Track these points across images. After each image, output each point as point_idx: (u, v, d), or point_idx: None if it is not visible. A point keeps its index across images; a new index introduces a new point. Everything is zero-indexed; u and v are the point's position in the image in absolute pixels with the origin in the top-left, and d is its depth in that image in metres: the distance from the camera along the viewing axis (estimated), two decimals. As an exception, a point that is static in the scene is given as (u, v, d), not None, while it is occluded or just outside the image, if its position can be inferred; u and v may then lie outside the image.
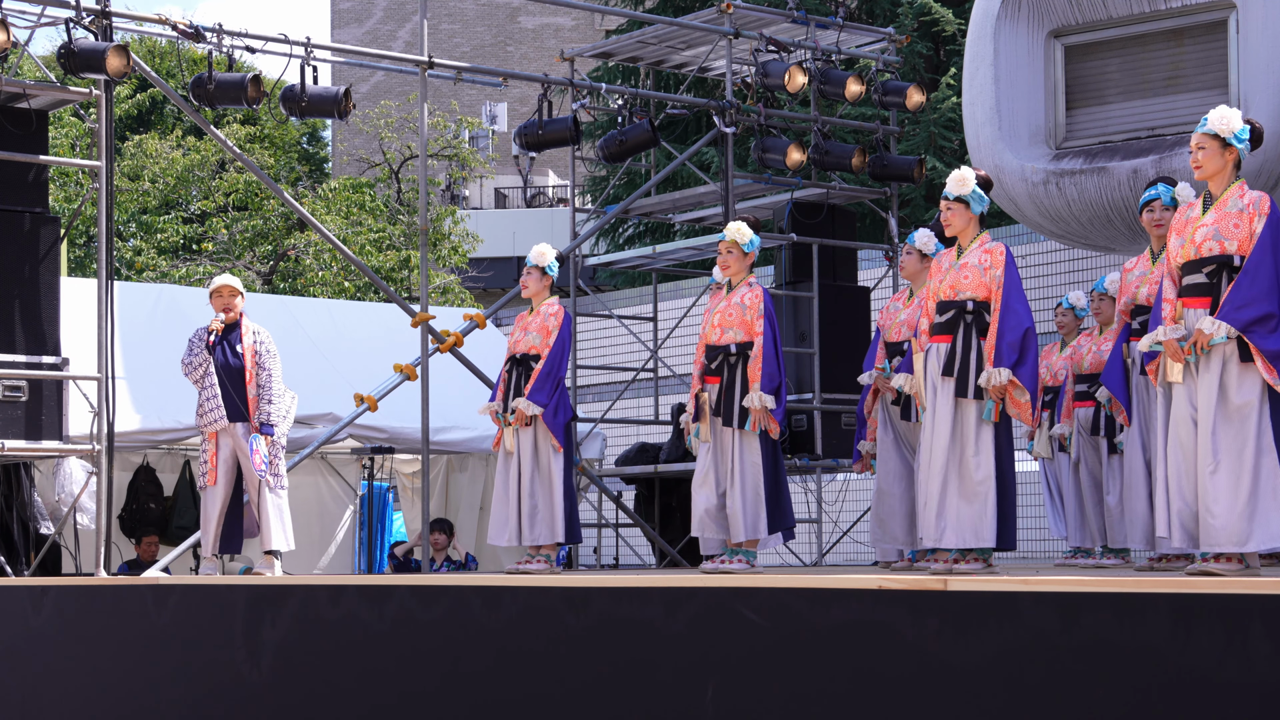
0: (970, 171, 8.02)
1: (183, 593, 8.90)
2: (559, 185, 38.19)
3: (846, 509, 15.27)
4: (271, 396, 10.11)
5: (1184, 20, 11.62)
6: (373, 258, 23.89)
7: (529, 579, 7.71)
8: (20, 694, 9.67)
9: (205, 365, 10.01)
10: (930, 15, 20.65)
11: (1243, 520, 6.48)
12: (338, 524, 15.07)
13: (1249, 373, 6.56)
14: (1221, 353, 6.61)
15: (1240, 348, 6.57)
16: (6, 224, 10.61)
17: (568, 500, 9.45)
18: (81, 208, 13.51)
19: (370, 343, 14.12)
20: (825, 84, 13.54)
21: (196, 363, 10.03)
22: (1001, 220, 16.24)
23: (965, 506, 7.80)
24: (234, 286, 10.20)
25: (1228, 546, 6.50)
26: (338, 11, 41.77)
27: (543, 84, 13.01)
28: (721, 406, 8.82)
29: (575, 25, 39.45)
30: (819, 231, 14.03)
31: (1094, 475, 9.91)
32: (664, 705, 6.47)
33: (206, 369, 10.02)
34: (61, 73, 11.00)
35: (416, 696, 7.51)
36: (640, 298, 19.19)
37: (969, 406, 7.85)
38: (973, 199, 7.98)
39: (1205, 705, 4.97)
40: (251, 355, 10.10)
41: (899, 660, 5.73)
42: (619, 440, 17.34)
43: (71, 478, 11.42)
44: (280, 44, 11.76)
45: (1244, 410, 6.54)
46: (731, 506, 8.75)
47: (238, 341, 10.08)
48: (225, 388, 9.99)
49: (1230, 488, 6.50)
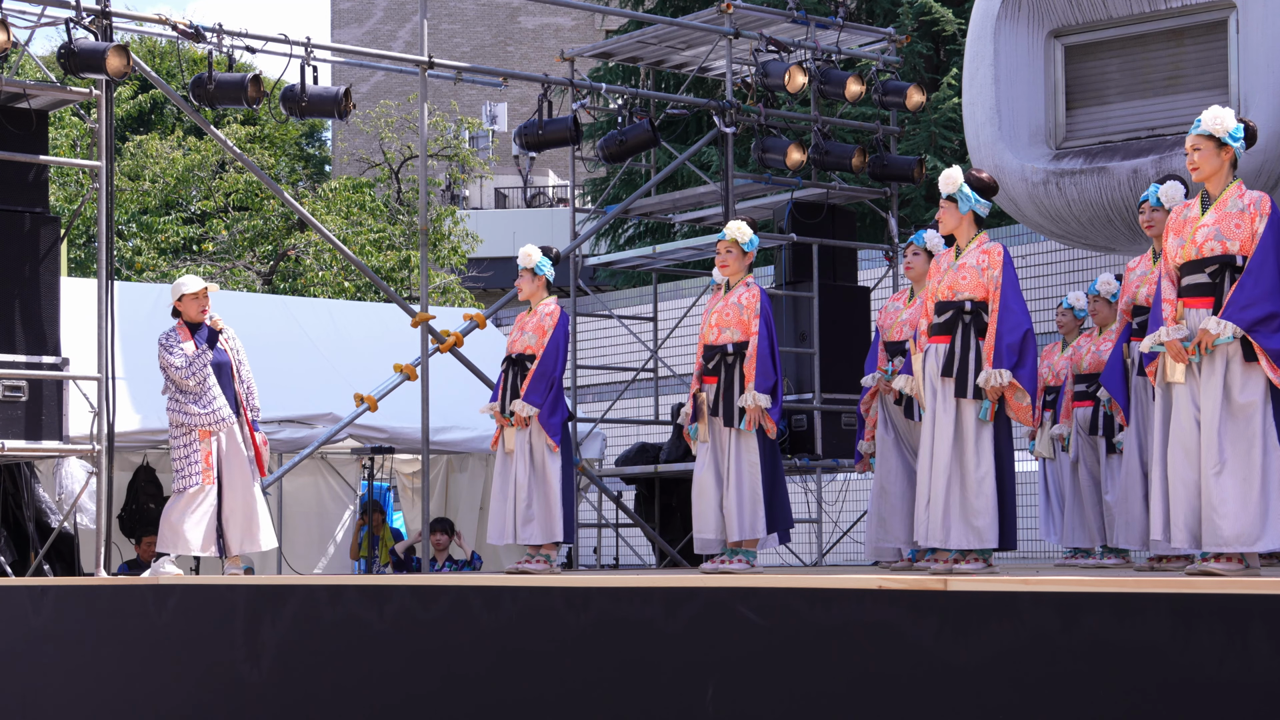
0: (958, 170, 8.01)
1: (183, 593, 8.90)
2: (559, 185, 38.19)
3: (846, 509, 15.28)
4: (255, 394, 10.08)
5: (1184, 20, 11.63)
6: (373, 258, 23.89)
7: (529, 579, 7.71)
8: (20, 694, 9.67)
9: (207, 364, 9.90)
10: (930, 15, 20.66)
11: (1254, 520, 6.48)
12: (338, 524, 15.08)
13: (1253, 372, 6.57)
14: (1225, 353, 6.61)
15: (1244, 347, 6.58)
16: (6, 224, 10.61)
17: (565, 500, 9.44)
18: (81, 208, 13.51)
19: (370, 343, 14.13)
20: (825, 84, 13.54)
21: (201, 363, 9.82)
22: (1001, 220, 16.24)
23: (967, 507, 7.80)
24: (210, 287, 10.10)
25: (1238, 546, 6.50)
26: (338, 11, 41.78)
27: (543, 84, 13.02)
28: (720, 406, 8.83)
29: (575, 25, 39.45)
30: (819, 231, 14.03)
31: (1093, 475, 9.92)
32: (664, 705, 6.47)
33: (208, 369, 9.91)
34: (61, 73, 11.00)
35: (417, 696, 7.51)
36: (640, 298, 19.19)
37: (968, 407, 7.85)
38: (961, 197, 7.97)
39: (1205, 705, 4.97)
40: (233, 353, 10.03)
41: (899, 660, 5.73)
42: (619, 440, 17.34)
43: (72, 477, 11.42)
44: (280, 44, 11.76)
45: (1248, 410, 6.55)
46: (728, 506, 8.75)
47: (217, 337, 9.99)
48: (223, 385, 9.92)
49: (1238, 488, 6.50)
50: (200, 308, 9.96)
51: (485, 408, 9.80)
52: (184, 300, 9.97)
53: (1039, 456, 10.31)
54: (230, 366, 9.96)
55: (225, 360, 9.94)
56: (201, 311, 9.96)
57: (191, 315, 9.97)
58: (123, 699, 9.09)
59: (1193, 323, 6.74)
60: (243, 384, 10.01)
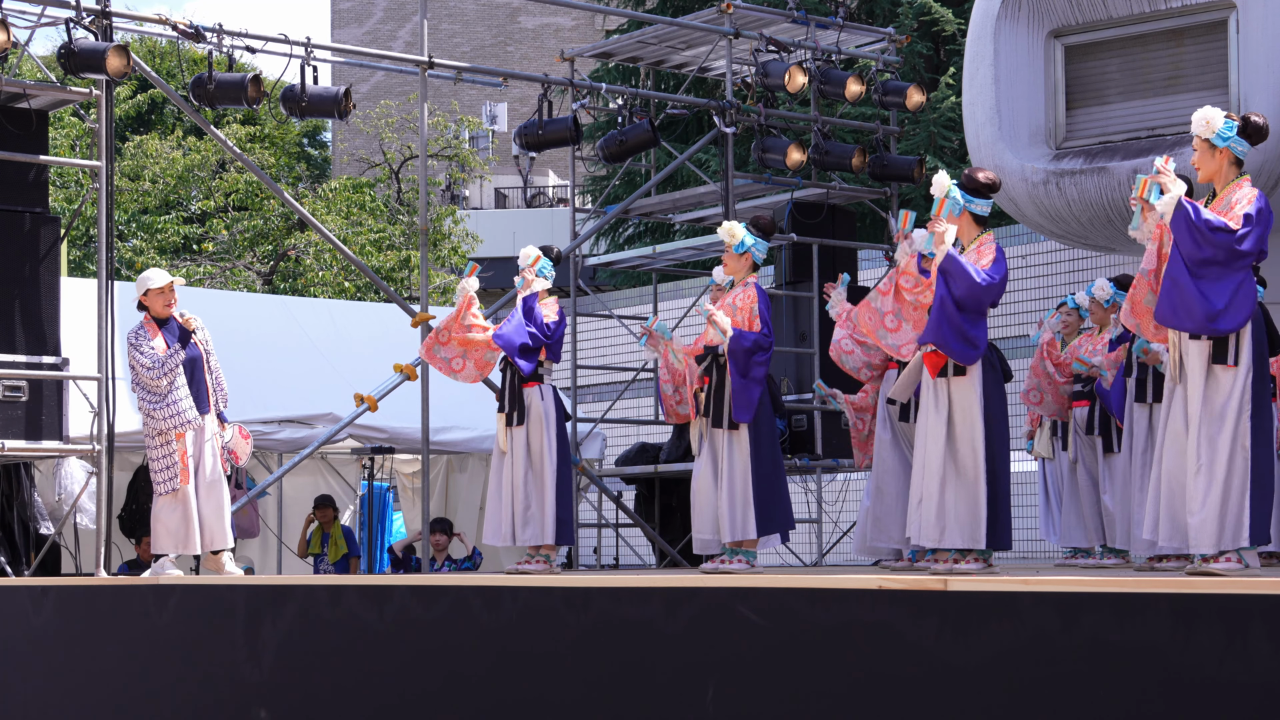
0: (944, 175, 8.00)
1: (183, 593, 8.89)
2: (559, 185, 38.18)
3: (846, 509, 15.27)
4: (223, 381, 9.99)
5: (1184, 20, 11.63)
6: (373, 258, 23.90)
7: (529, 579, 7.71)
8: (20, 694, 9.67)
9: (179, 365, 9.64)
10: (930, 15, 20.65)
11: (1224, 520, 6.55)
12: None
13: (1227, 375, 6.64)
14: (1204, 358, 6.66)
15: (1216, 349, 6.64)
16: (6, 224, 10.60)
17: (561, 501, 9.41)
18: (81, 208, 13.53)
19: (370, 343, 14.13)
20: (825, 84, 13.54)
21: (173, 364, 9.56)
22: (1002, 220, 16.24)
23: (958, 506, 7.80)
24: (175, 281, 9.92)
25: (1206, 547, 6.56)
26: (338, 11, 41.77)
27: (543, 84, 13.01)
28: (710, 408, 8.83)
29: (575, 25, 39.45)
30: (819, 231, 14.03)
31: (1091, 475, 9.92)
32: (664, 705, 6.47)
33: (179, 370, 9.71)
34: (61, 73, 11.00)
35: (417, 696, 7.51)
36: (640, 298, 19.19)
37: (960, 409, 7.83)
38: (951, 202, 7.96)
39: (1205, 705, 4.97)
40: (203, 345, 9.88)
41: (899, 660, 5.73)
42: (619, 440, 17.34)
43: (72, 478, 11.41)
44: (280, 44, 11.76)
45: (1223, 412, 6.62)
46: (720, 507, 8.77)
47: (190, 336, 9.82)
48: (193, 381, 9.75)
49: (1209, 488, 6.57)
50: (165, 302, 9.71)
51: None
52: (149, 295, 9.74)
53: (1038, 456, 10.32)
54: (202, 361, 9.81)
55: (196, 354, 9.76)
56: (167, 306, 9.72)
57: (157, 310, 9.73)
58: (123, 699, 9.09)
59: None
60: (211, 374, 9.86)
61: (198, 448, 9.73)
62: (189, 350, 9.68)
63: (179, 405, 9.57)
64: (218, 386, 9.91)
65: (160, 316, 9.76)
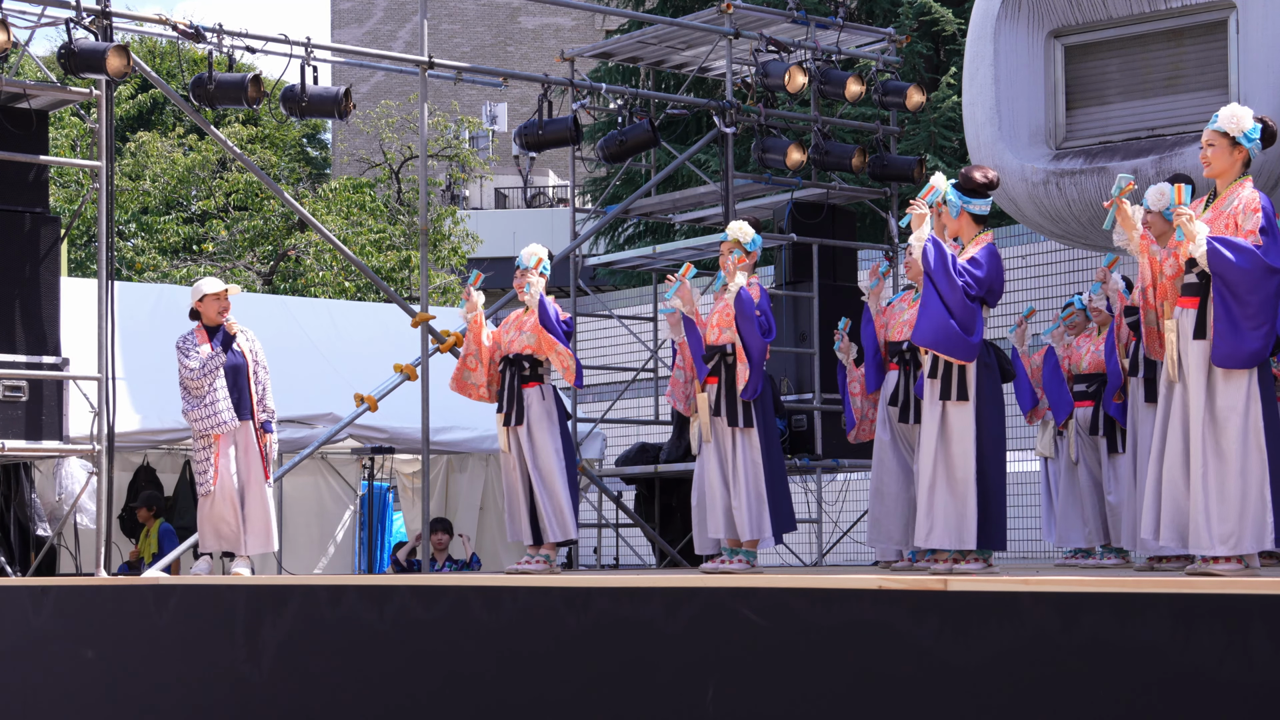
0: (940, 177, 8.01)
1: (183, 593, 8.90)
2: (559, 185, 38.18)
3: (846, 509, 15.28)
4: (269, 395, 10.14)
5: (1184, 20, 11.63)
6: (373, 258, 23.89)
7: (529, 579, 7.71)
8: (20, 694, 9.67)
9: (220, 368, 9.87)
10: (930, 15, 20.65)
11: (1232, 523, 6.51)
12: (338, 524, 15.07)
13: (1233, 377, 6.60)
14: (1207, 358, 6.64)
15: None
16: (6, 224, 10.61)
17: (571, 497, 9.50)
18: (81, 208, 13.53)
19: (370, 343, 14.13)
20: (825, 84, 13.54)
21: (211, 366, 9.80)
22: (1002, 220, 16.24)
23: (947, 507, 7.80)
24: (231, 289, 10.14)
25: (1220, 550, 6.52)
26: (338, 11, 41.77)
27: (543, 84, 13.01)
28: (722, 406, 8.83)
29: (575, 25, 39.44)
30: (819, 231, 14.03)
31: (1094, 475, 9.91)
32: (664, 705, 6.47)
33: (219, 372, 9.90)
34: (61, 73, 11.00)
35: (417, 697, 7.51)
36: (640, 298, 19.18)
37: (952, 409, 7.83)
38: (950, 204, 7.96)
39: (1205, 705, 4.97)
40: (250, 354, 10.06)
41: (899, 660, 5.73)
42: (619, 440, 17.34)
43: (72, 478, 11.42)
44: (280, 44, 11.76)
45: (1229, 414, 6.58)
46: (736, 507, 8.77)
47: (232, 341, 10.00)
48: (235, 388, 9.93)
49: (1218, 490, 6.53)
50: (219, 309, 9.97)
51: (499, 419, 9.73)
52: (204, 301, 10.00)
53: (1040, 455, 10.31)
54: (246, 369, 9.97)
55: (240, 363, 9.96)
56: (220, 313, 9.97)
57: (210, 317, 9.99)
58: (123, 699, 9.09)
59: (1184, 324, 6.77)
60: (258, 385, 10.03)
61: (233, 453, 9.85)
62: (232, 357, 9.91)
63: (216, 407, 9.81)
64: (263, 397, 10.01)
65: (212, 324, 9.97)
